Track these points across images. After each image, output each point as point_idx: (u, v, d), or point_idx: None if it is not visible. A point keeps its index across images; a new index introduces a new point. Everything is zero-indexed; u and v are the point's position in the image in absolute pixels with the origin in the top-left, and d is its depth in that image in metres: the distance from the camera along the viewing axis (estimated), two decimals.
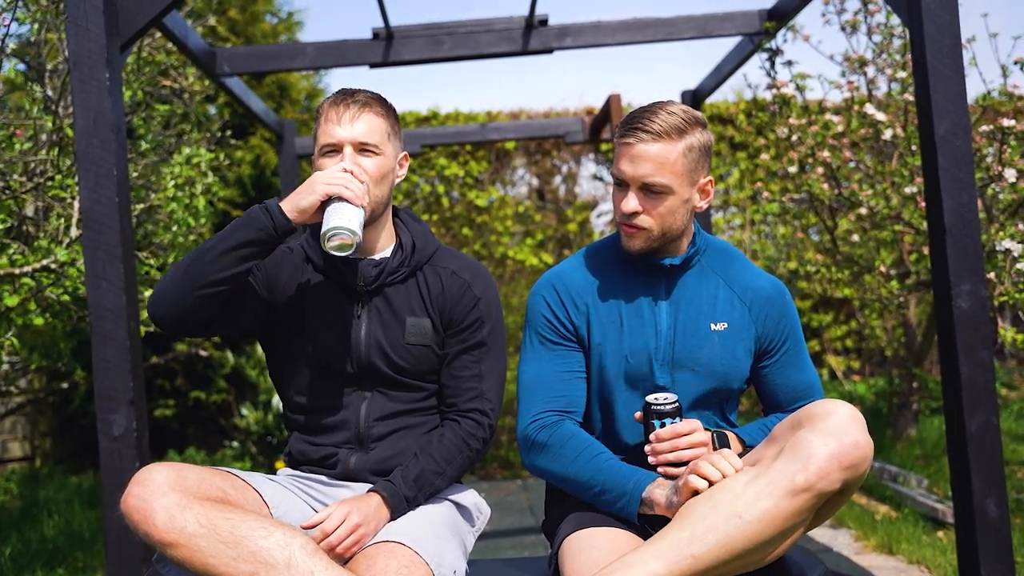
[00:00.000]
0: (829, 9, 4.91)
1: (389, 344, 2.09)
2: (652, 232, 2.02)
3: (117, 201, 2.78)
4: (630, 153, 1.97)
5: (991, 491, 2.60)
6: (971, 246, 2.65)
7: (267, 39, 7.44)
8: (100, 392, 2.76)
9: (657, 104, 2.00)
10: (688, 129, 1.97)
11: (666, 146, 1.95)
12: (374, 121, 2.07)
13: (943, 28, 2.69)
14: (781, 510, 1.68)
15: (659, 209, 1.99)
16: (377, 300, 2.12)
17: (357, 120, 2.05)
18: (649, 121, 1.95)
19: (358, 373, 2.10)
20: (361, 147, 2.05)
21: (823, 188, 4.65)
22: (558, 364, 2.09)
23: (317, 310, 2.12)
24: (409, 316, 2.11)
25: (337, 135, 2.04)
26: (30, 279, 3.65)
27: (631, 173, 1.98)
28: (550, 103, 8.52)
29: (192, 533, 1.71)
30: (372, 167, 2.05)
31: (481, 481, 6.45)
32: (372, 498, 1.95)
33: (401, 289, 2.13)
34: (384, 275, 2.11)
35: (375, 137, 2.06)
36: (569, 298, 2.11)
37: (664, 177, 1.96)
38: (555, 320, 2.10)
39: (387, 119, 2.11)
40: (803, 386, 2.13)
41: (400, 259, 2.14)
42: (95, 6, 2.80)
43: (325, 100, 2.11)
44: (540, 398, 2.07)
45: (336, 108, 2.06)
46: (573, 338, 2.10)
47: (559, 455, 1.99)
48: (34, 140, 3.77)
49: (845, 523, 4.48)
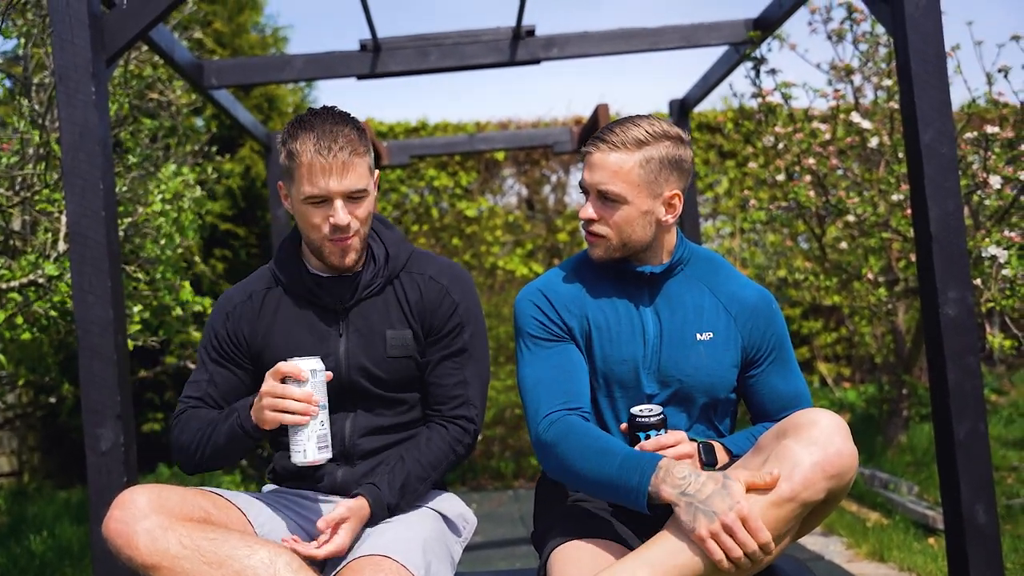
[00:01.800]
0: (815, 18, 4.94)
1: (371, 360, 2.08)
2: (611, 241, 2.04)
3: (103, 215, 2.78)
4: (589, 161, 2.04)
5: (980, 497, 2.61)
6: (957, 253, 2.66)
7: (254, 51, 7.44)
8: (87, 406, 2.74)
9: (629, 118, 2.05)
10: (650, 141, 2.00)
11: (622, 156, 1.99)
12: (360, 165, 1.98)
13: (927, 37, 2.70)
14: (766, 520, 1.67)
15: (615, 218, 2.02)
16: (355, 316, 2.10)
17: (346, 172, 1.95)
18: (611, 132, 2.01)
19: (340, 391, 2.08)
20: (351, 195, 1.98)
21: (810, 196, 4.66)
22: (554, 360, 2.06)
23: (296, 333, 2.10)
24: (388, 329, 2.09)
25: (326, 190, 1.95)
26: (17, 294, 3.64)
27: (588, 180, 2.04)
28: (538, 113, 8.56)
29: (175, 555, 1.70)
30: (363, 211, 2.01)
31: (472, 492, 6.44)
32: (364, 508, 1.94)
33: (378, 301, 2.11)
34: (360, 290, 2.09)
35: (363, 182, 1.99)
36: (559, 301, 2.11)
37: (617, 186, 2.00)
38: (545, 320, 2.09)
39: (368, 153, 2.02)
40: (791, 395, 2.13)
41: (373, 271, 2.11)
42: (80, 20, 2.79)
43: (299, 138, 1.96)
44: (543, 399, 2.03)
45: (321, 159, 1.93)
46: (566, 335, 2.09)
47: (570, 452, 1.92)
48: (21, 154, 3.76)
49: (836, 531, 4.48)
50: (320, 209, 1.98)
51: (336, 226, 1.98)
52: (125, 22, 2.96)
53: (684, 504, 1.70)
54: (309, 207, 1.98)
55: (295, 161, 1.96)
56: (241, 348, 2.13)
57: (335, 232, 1.99)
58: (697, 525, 1.67)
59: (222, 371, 2.13)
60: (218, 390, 2.13)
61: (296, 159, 1.96)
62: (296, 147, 1.96)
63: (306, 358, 1.89)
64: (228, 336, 2.13)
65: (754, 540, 1.65)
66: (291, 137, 1.98)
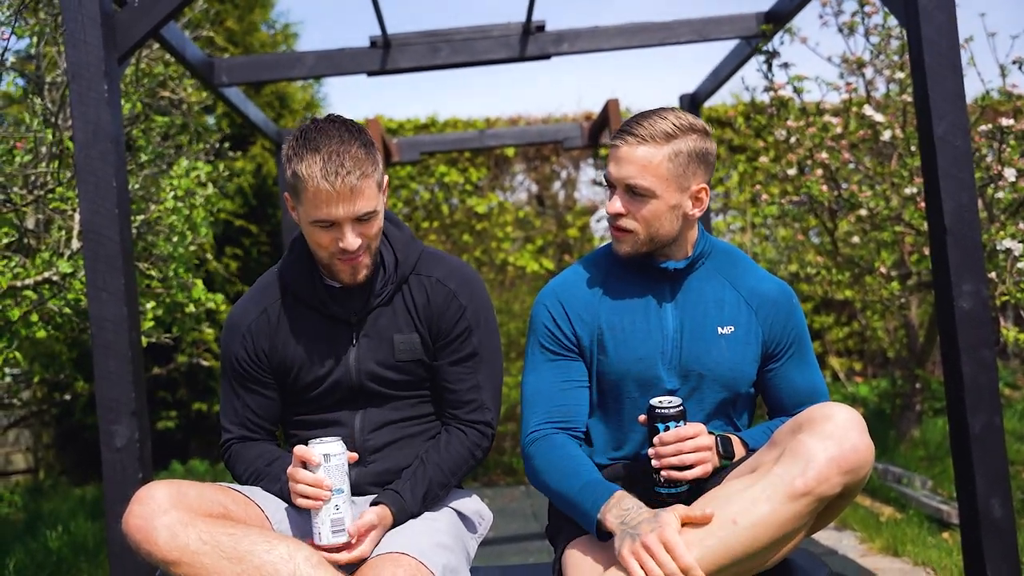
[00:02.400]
0: (826, 11, 4.92)
1: (380, 364, 2.07)
2: (638, 236, 2.02)
3: (117, 213, 2.79)
4: (616, 155, 2.01)
5: (995, 491, 2.59)
6: (972, 246, 2.65)
7: (265, 49, 7.45)
8: (102, 403, 2.76)
9: (654, 110, 2.02)
10: (678, 135, 1.97)
11: (651, 150, 1.97)
12: (368, 187, 1.91)
13: (940, 28, 2.69)
14: (780, 515, 1.67)
15: (643, 212, 2.00)
16: (365, 323, 2.09)
17: (355, 198, 1.88)
18: (638, 125, 1.98)
19: (351, 394, 2.09)
20: (359, 218, 1.93)
21: (822, 190, 4.65)
22: (558, 375, 2.09)
23: (310, 345, 2.10)
24: (396, 334, 2.08)
25: (334, 215, 1.89)
26: (32, 291, 3.65)
27: (616, 175, 2.01)
28: (548, 109, 8.55)
29: (195, 550, 1.71)
30: (372, 229, 1.97)
31: (485, 488, 6.44)
32: (388, 517, 1.94)
33: (387, 308, 2.10)
34: (371, 299, 2.08)
35: (372, 203, 1.92)
36: (573, 308, 2.11)
37: (646, 180, 1.97)
38: (557, 331, 2.10)
39: (376, 171, 1.94)
40: (808, 389, 2.12)
41: (383, 279, 2.09)
42: (92, 19, 2.80)
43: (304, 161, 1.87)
44: (539, 410, 2.08)
45: (328, 184, 1.85)
46: (575, 348, 2.10)
47: (543, 468, 2.01)
48: (34, 153, 3.77)
49: (850, 525, 4.47)
50: (328, 232, 1.94)
51: (345, 250, 1.95)
52: (136, 20, 2.97)
53: (620, 531, 1.77)
54: (317, 229, 1.94)
55: (300, 182, 1.89)
56: (263, 365, 2.12)
57: (344, 253, 1.96)
58: (622, 547, 1.72)
59: (254, 397, 2.14)
60: (255, 414, 2.14)
61: (302, 182, 1.88)
62: (302, 171, 1.88)
63: (323, 442, 1.86)
64: (249, 357, 2.11)
65: (675, 563, 1.65)
66: (297, 157, 1.89)
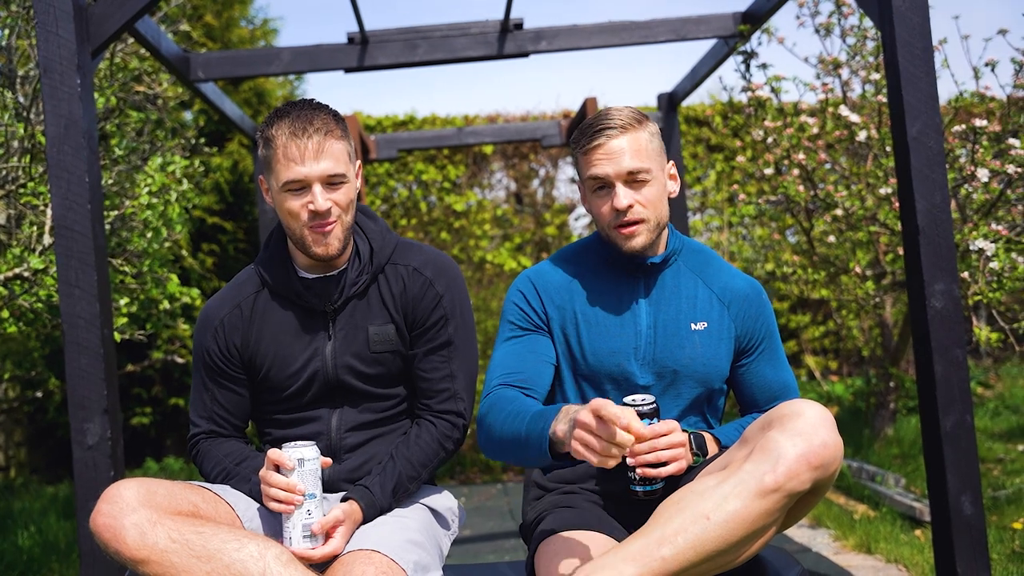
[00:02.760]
0: (803, 12, 4.94)
1: (355, 357, 2.07)
2: (650, 222, 2.03)
3: (89, 208, 2.76)
4: (605, 151, 2.00)
5: (966, 489, 2.62)
6: (944, 246, 2.67)
7: (244, 45, 7.41)
8: (74, 401, 2.73)
9: (603, 110, 2.06)
10: (642, 119, 2.04)
11: (634, 134, 2.01)
12: (337, 148, 1.97)
13: (914, 31, 2.71)
14: (751, 511, 1.68)
15: (649, 197, 2.02)
16: (341, 316, 2.09)
17: (322, 154, 1.94)
18: (608, 119, 2.01)
19: (328, 389, 2.08)
20: (328, 180, 1.96)
21: (799, 190, 4.67)
22: (520, 347, 2.09)
23: (284, 338, 2.09)
24: (371, 325, 2.08)
25: (302, 173, 1.94)
26: (2, 287, 3.61)
27: (613, 169, 2.00)
28: (527, 107, 8.56)
29: (164, 549, 1.70)
30: (343, 197, 1.99)
31: (461, 485, 6.43)
32: (357, 512, 1.93)
33: (362, 300, 2.09)
34: (346, 289, 2.08)
35: (341, 166, 1.97)
36: (546, 292, 2.13)
37: (643, 162, 2.00)
38: (528, 309, 2.12)
39: (345, 139, 2.01)
40: (779, 385, 2.15)
41: (358, 268, 2.09)
42: (65, 12, 2.77)
43: (274, 125, 1.97)
44: (496, 375, 2.05)
45: (296, 141, 1.93)
46: (544, 327, 2.11)
47: (490, 422, 1.94)
48: (5, 147, 3.73)
49: (823, 523, 4.50)
50: (298, 197, 1.96)
51: (315, 212, 1.95)
52: (110, 14, 2.94)
53: (566, 429, 1.69)
54: (287, 195, 1.97)
55: (271, 147, 1.96)
56: (234, 360, 2.12)
57: (314, 219, 1.97)
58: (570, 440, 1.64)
59: (224, 392, 2.13)
60: (224, 409, 2.14)
61: (272, 144, 1.96)
62: (272, 132, 1.96)
63: (297, 446, 1.85)
64: (220, 351, 2.11)
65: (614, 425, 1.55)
66: (267, 125, 1.98)
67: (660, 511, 1.74)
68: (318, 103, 2.02)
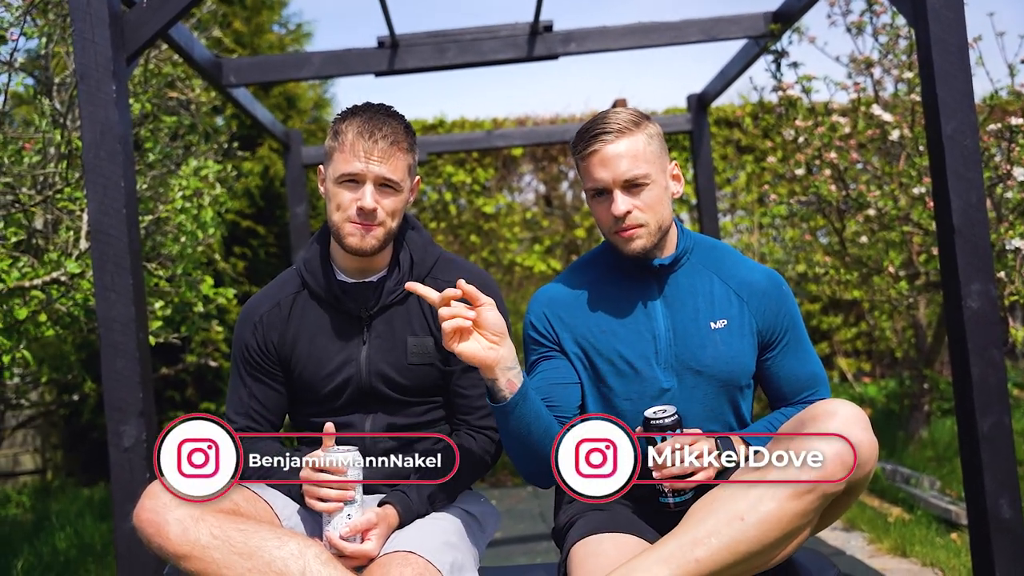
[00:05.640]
0: (835, 11, 4.90)
1: (392, 366, 2.07)
2: (650, 226, 2.01)
3: (125, 213, 2.80)
4: (600, 158, 1.99)
5: (1004, 491, 2.59)
6: (980, 246, 2.64)
7: (273, 50, 7.45)
8: (110, 403, 2.76)
9: (600, 114, 2.04)
10: (640, 121, 2.01)
11: (631, 139, 1.98)
12: (399, 158, 2.01)
13: (949, 28, 2.68)
14: (785, 512, 1.67)
15: (648, 201, 1.99)
16: (378, 322, 2.10)
17: (385, 160, 1.98)
18: (604, 124, 1.99)
19: (361, 395, 2.09)
20: (383, 182, 1.99)
21: (831, 190, 4.64)
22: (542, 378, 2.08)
23: (320, 340, 2.11)
24: (410, 336, 2.08)
25: (359, 169, 1.98)
26: (40, 292, 3.66)
27: (610, 176, 1.98)
28: (556, 109, 8.54)
29: (206, 545, 1.72)
30: (391, 204, 2.01)
31: (492, 488, 6.44)
32: (393, 516, 1.94)
33: (402, 308, 2.10)
34: (384, 296, 2.09)
35: (398, 175, 2.01)
36: (554, 312, 2.11)
37: (641, 168, 1.98)
38: (537, 335, 2.12)
39: (411, 152, 2.05)
40: (807, 376, 2.11)
41: (398, 278, 2.10)
42: (101, 19, 2.81)
43: (347, 120, 2.03)
44: None
45: (363, 140, 1.98)
46: (558, 350, 2.10)
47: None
48: (43, 153, 3.78)
49: (858, 526, 4.46)
50: (350, 191, 1.99)
51: (362, 209, 1.98)
52: (145, 20, 2.97)
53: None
54: (340, 188, 2.00)
55: (338, 139, 2.01)
56: (272, 357, 2.13)
57: (360, 215, 1.99)
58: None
59: (261, 387, 2.14)
60: (261, 405, 2.14)
61: (339, 137, 2.00)
62: (342, 126, 2.01)
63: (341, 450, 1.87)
64: (259, 347, 2.13)
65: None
66: (341, 119, 2.04)
67: (692, 513, 1.74)
68: (395, 111, 2.06)
